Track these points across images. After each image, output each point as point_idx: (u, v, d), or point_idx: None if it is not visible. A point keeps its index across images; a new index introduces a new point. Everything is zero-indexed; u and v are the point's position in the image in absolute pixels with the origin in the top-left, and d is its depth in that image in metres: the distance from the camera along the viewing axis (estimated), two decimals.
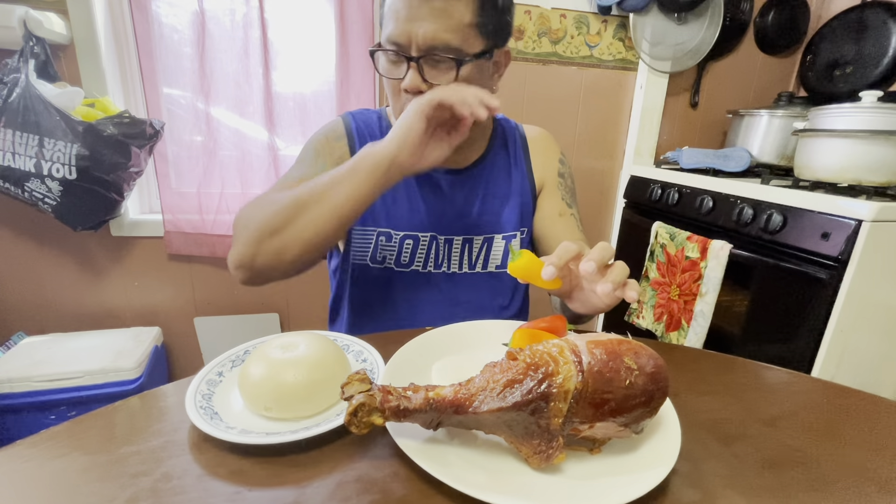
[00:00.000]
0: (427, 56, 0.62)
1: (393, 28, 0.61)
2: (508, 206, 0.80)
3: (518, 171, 0.81)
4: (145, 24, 1.24)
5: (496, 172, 0.80)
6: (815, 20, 1.65)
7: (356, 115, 0.78)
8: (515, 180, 0.81)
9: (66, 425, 0.40)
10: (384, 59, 0.65)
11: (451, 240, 0.77)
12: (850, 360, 1.04)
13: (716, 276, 1.19)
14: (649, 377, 0.36)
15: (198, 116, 1.33)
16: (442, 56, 0.62)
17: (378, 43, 0.65)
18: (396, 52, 0.62)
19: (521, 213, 0.80)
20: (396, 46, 0.62)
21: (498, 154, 0.81)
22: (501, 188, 0.80)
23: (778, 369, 0.57)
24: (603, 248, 0.46)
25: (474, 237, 0.78)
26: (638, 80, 1.62)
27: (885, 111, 1.07)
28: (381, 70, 0.65)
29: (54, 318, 1.40)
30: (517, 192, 0.80)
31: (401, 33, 0.60)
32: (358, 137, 0.75)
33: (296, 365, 0.42)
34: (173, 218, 1.37)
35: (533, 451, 0.35)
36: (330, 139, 0.75)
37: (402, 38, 0.60)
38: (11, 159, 1.12)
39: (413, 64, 0.62)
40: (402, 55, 0.62)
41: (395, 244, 0.75)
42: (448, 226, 0.77)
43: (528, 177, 0.82)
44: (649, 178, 1.53)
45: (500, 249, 0.79)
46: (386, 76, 0.65)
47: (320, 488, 0.34)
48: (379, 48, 0.64)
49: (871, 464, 0.40)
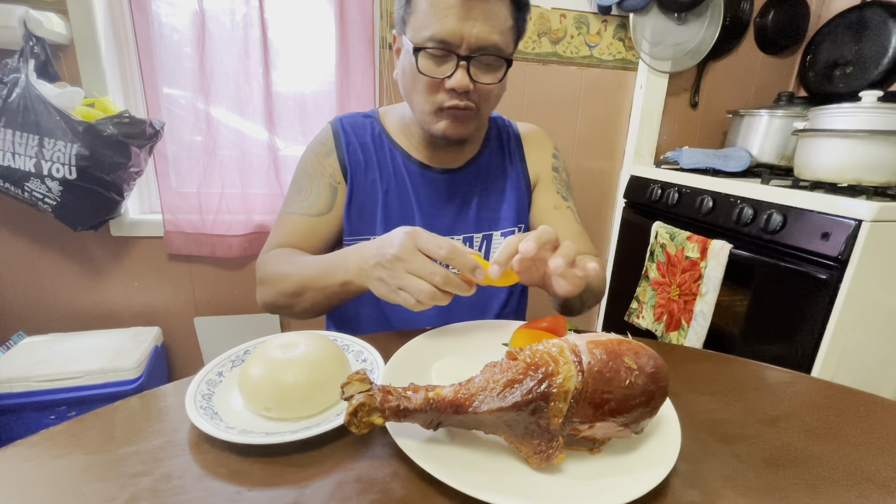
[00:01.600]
0: (476, 56, 0.62)
1: (441, 27, 0.60)
2: (505, 202, 0.80)
3: (513, 167, 0.82)
4: (145, 24, 1.24)
5: (492, 170, 0.81)
6: (815, 20, 1.65)
7: (344, 121, 0.78)
8: (511, 177, 0.81)
9: (66, 425, 0.40)
10: (426, 57, 0.64)
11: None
12: (850, 360, 1.04)
13: (716, 276, 1.19)
14: (649, 377, 0.36)
15: (198, 116, 1.33)
16: (491, 57, 0.63)
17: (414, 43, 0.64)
18: (445, 50, 0.62)
19: (518, 209, 0.80)
20: (445, 45, 0.61)
21: (493, 152, 0.82)
22: (497, 185, 0.80)
23: (778, 369, 0.57)
24: (543, 232, 0.49)
25: (474, 235, 0.78)
26: (638, 80, 1.62)
27: (885, 111, 1.07)
28: (422, 69, 0.64)
29: (54, 318, 1.40)
30: (513, 188, 0.81)
31: (451, 32, 0.60)
32: (346, 147, 0.76)
33: (296, 365, 0.42)
34: (173, 218, 1.37)
35: (533, 451, 0.35)
36: (320, 157, 0.76)
37: (452, 37, 0.60)
38: (11, 159, 1.12)
39: (463, 63, 0.62)
40: (452, 53, 0.62)
41: None
42: (446, 226, 0.77)
43: (523, 173, 0.82)
44: (649, 178, 1.53)
45: (499, 246, 0.78)
46: (428, 75, 0.64)
47: (320, 488, 0.34)
48: (423, 48, 0.63)
49: (871, 464, 0.40)
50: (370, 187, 0.76)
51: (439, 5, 0.60)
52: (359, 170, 0.76)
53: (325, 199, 0.75)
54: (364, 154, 0.76)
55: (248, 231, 1.42)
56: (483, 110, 0.69)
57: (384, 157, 0.77)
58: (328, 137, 0.77)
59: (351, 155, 0.75)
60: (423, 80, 0.65)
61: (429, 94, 0.66)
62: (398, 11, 0.67)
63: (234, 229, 1.40)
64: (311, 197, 0.75)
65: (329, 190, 0.75)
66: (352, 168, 0.75)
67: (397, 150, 0.77)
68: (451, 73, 0.63)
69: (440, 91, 0.65)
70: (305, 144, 1.40)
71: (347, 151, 0.75)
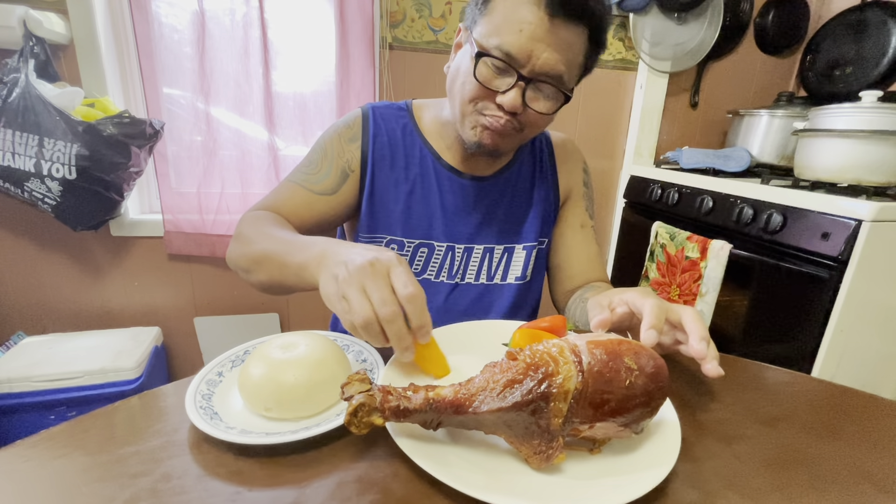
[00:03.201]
0: (537, 81, 0.59)
1: (512, 40, 0.57)
2: (531, 215, 0.78)
3: (543, 180, 0.79)
4: (145, 24, 1.24)
5: (521, 181, 0.78)
6: (815, 20, 1.65)
7: (377, 111, 0.75)
8: (540, 189, 0.79)
9: (66, 425, 0.40)
10: (486, 65, 0.60)
11: (470, 248, 0.75)
12: (850, 360, 1.04)
13: (716, 276, 1.19)
14: (649, 377, 0.36)
15: (198, 116, 1.33)
16: (552, 87, 0.60)
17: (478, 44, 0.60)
18: (508, 64, 0.58)
19: (543, 223, 0.78)
20: (509, 59, 0.58)
21: (525, 162, 0.79)
22: (526, 197, 0.78)
23: (778, 369, 0.57)
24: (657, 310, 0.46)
25: (495, 246, 0.76)
26: (638, 80, 1.62)
27: (885, 111, 1.07)
28: (479, 75, 0.60)
29: (54, 318, 1.40)
30: (540, 202, 0.78)
31: (521, 49, 0.57)
32: (373, 138, 0.72)
33: (296, 365, 0.42)
34: (173, 218, 1.37)
35: (533, 451, 0.35)
36: (343, 139, 0.73)
37: (520, 53, 0.57)
38: (11, 159, 1.12)
39: (521, 84, 0.59)
40: (513, 70, 0.59)
41: (407, 252, 0.73)
42: (468, 234, 0.74)
43: (554, 186, 0.80)
44: (649, 178, 1.53)
45: (520, 259, 0.77)
46: (483, 83, 0.60)
47: (320, 488, 0.34)
48: (488, 54, 0.59)
49: (871, 464, 0.40)
50: (393, 185, 0.73)
51: (517, 17, 0.57)
52: (383, 164, 0.73)
53: (333, 181, 0.72)
54: (392, 149, 0.73)
55: None
56: (526, 133, 0.66)
57: (413, 156, 0.74)
58: (356, 122, 0.74)
59: (377, 148, 0.72)
60: (475, 85, 0.61)
61: (476, 100, 0.63)
62: (471, 7, 0.63)
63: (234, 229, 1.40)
64: (319, 173, 0.72)
65: (339, 174, 0.72)
66: (374, 161, 0.72)
67: (428, 149, 0.74)
68: (505, 90, 0.60)
69: (488, 101, 0.62)
70: (305, 144, 1.43)
71: (374, 143, 0.72)
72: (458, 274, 0.75)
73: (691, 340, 0.45)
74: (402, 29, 1.42)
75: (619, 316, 0.49)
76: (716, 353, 0.44)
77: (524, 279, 0.77)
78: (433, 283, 0.74)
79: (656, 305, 0.46)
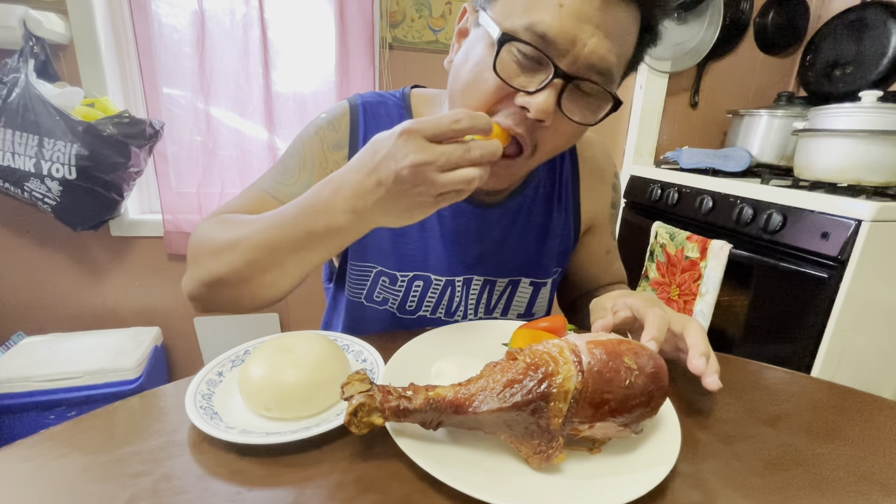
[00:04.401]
0: (581, 79, 0.44)
1: (550, 18, 0.42)
2: (545, 248, 0.66)
3: (561, 208, 0.66)
4: (145, 24, 1.24)
5: (536, 207, 0.65)
6: (815, 20, 1.65)
7: (368, 106, 0.61)
8: (557, 220, 0.66)
9: (66, 425, 0.40)
10: (513, 54, 0.45)
11: (469, 280, 0.64)
12: (850, 360, 1.04)
13: (716, 276, 1.19)
14: (649, 377, 0.36)
15: (198, 116, 1.33)
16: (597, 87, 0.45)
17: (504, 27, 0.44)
18: (544, 53, 0.43)
19: (559, 256, 0.68)
20: (545, 45, 0.43)
21: (541, 183, 0.65)
22: (539, 227, 0.66)
23: (778, 369, 0.57)
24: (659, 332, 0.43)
25: (497, 279, 0.65)
26: (638, 80, 1.62)
27: (885, 111, 1.07)
28: (500, 68, 0.45)
29: (54, 318, 1.40)
30: (556, 234, 0.67)
31: (562, 31, 0.42)
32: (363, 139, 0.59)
33: (296, 365, 0.42)
34: (173, 218, 1.37)
35: (533, 451, 0.35)
36: (326, 144, 0.59)
37: (562, 37, 0.42)
38: (11, 159, 1.12)
39: (558, 81, 0.44)
40: (549, 61, 0.43)
41: (400, 287, 0.63)
42: (467, 264, 0.64)
43: (574, 213, 0.67)
44: (649, 178, 1.53)
45: (525, 294, 0.68)
46: (504, 79, 0.45)
47: (320, 488, 0.34)
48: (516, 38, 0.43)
49: (871, 464, 0.40)
50: None
51: None
52: None
53: None
54: None
55: None
56: (541, 155, 0.51)
57: None
58: (342, 121, 0.60)
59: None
60: (491, 81, 0.46)
61: (487, 101, 0.47)
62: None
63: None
64: (295, 185, 0.57)
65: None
66: None
67: None
68: (536, 89, 0.44)
69: (505, 103, 0.47)
70: None
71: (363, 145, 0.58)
72: (457, 311, 0.65)
73: (691, 355, 0.44)
74: (402, 29, 1.42)
75: (620, 319, 0.48)
76: (716, 367, 0.44)
77: (529, 316, 0.69)
78: (429, 321, 0.65)
79: (659, 316, 0.44)
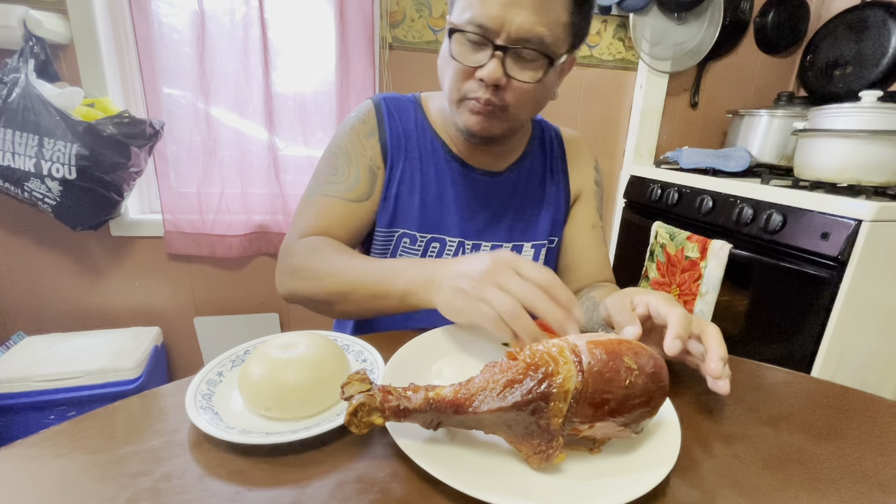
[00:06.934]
0: (515, 48, 0.57)
1: (482, 10, 0.55)
2: (541, 214, 0.76)
3: (554, 177, 0.78)
4: (145, 24, 1.24)
5: (532, 178, 0.76)
6: (815, 20, 1.65)
7: (388, 101, 0.73)
8: (550, 188, 0.77)
9: (66, 425, 0.40)
10: (461, 41, 0.59)
11: (478, 245, 0.73)
12: (850, 360, 1.04)
13: (716, 276, 1.19)
14: (649, 377, 0.36)
15: (198, 116, 1.33)
16: (532, 52, 0.57)
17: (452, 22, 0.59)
18: (482, 36, 0.56)
19: (553, 222, 0.77)
20: (482, 30, 0.56)
21: (535, 158, 0.77)
22: (536, 195, 0.76)
23: (778, 369, 0.57)
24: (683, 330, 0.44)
25: (504, 244, 0.75)
26: (638, 80, 1.62)
27: (885, 111, 1.07)
28: (454, 53, 0.59)
29: (54, 318, 1.40)
30: (551, 200, 0.77)
31: (492, 17, 0.55)
32: (389, 129, 0.70)
33: (296, 365, 0.42)
34: (173, 218, 1.37)
35: (533, 450, 0.35)
36: (361, 135, 0.70)
37: (493, 22, 0.55)
38: (11, 159, 1.12)
39: (499, 53, 0.56)
40: (488, 41, 0.57)
41: (419, 247, 0.72)
42: (477, 230, 0.73)
43: (565, 184, 0.78)
44: (649, 177, 1.53)
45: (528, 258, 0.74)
46: (460, 60, 0.59)
47: (320, 488, 0.34)
48: (459, 29, 0.58)
49: (871, 464, 0.40)
50: (409, 177, 0.71)
51: None
52: (399, 156, 0.70)
53: (365, 183, 0.69)
54: (406, 140, 0.71)
55: (248, 231, 1.42)
56: (514, 111, 0.63)
57: (426, 148, 0.72)
58: (370, 115, 0.71)
59: (394, 140, 0.70)
60: (454, 65, 0.60)
61: (458, 81, 0.61)
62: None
63: (234, 229, 1.40)
64: (349, 179, 0.68)
65: (369, 174, 0.69)
66: (392, 153, 0.70)
67: (439, 142, 0.72)
68: (484, 63, 0.57)
69: (470, 80, 0.60)
70: (305, 144, 1.43)
71: (391, 135, 0.70)
72: None
73: (710, 358, 0.44)
74: (401, 29, 1.42)
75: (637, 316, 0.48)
76: (729, 373, 0.44)
77: None
78: None
79: (684, 316, 0.45)
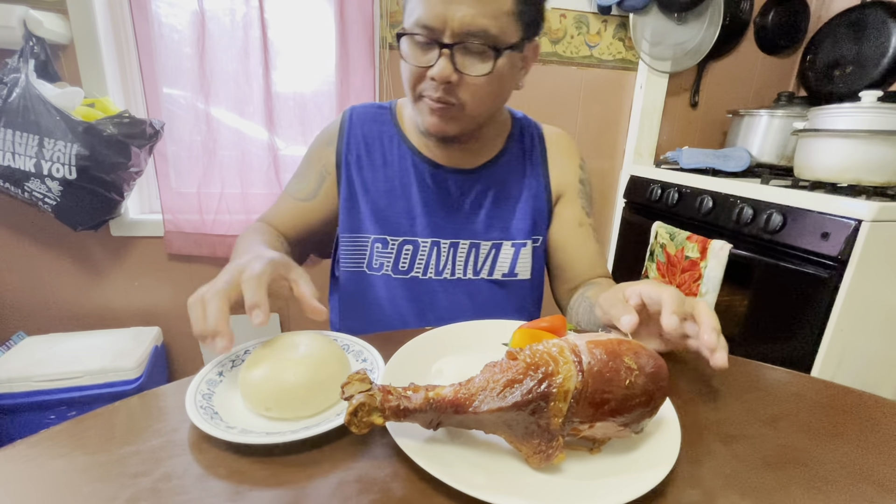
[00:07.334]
0: (461, 43, 0.57)
1: (424, 10, 0.56)
2: (520, 211, 0.75)
3: (533, 174, 0.77)
4: (145, 24, 1.24)
5: (510, 175, 0.76)
6: (815, 20, 1.65)
7: (355, 113, 0.76)
8: (530, 184, 0.76)
9: (66, 425, 0.40)
10: (410, 44, 0.60)
11: (456, 244, 0.74)
12: (850, 360, 1.04)
13: (716, 276, 1.19)
14: (649, 377, 0.36)
15: (198, 116, 1.33)
16: (478, 44, 0.57)
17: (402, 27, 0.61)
18: (427, 36, 0.57)
19: (535, 220, 0.76)
20: (427, 31, 0.57)
21: (513, 155, 0.77)
22: (513, 192, 0.76)
23: (778, 369, 0.57)
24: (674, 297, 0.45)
25: (482, 242, 0.74)
26: (638, 80, 1.62)
27: (885, 111, 1.07)
28: (406, 56, 0.61)
29: (54, 318, 1.40)
30: (531, 197, 0.76)
31: (434, 16, 0.56)
32: (347, 139, 0.74)
33: (296, 365, 0.42)
34: (173, 218, 1.37)
35: (533, 450, 0.35)
36: (322, 144, 0.76)
37: (435, 21, 0.56)
38: (11, 159, 1.12)
39: (445, 51, 0.57)
40: (434, 41, 0.57)
41: (391, 251, 0.73)
42: (453, 230, 0.73)
43: (545, 181, 0.77)
44: (649, 178, 1.53)
45: (508, 257, 0.75)
46: (412, 63, 0.60)
47: (320, 488, 0.34)
48: (405, 32, 0.59)
49: (871, 464, 0.40)
50: (371, 184, 0.73)
51: None
52: (360, 164, 0.73)
53: (312, 186, 0.75)
54: (368, 148, 0.74)
55: None
56: (471, 108, 0.63)
57: (391, 153, 0.74)
58: (334, 126, 0.76)
59: (349, 149, 0.73)
60: (408, 67, 0.61)
61: (414, 83, 0.62)
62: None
63: (234, 229, 1.40)
64: (303, 181, 0.76)
65: (318, 178, 0.75)
66: (346, 162, 0.73)
67: (407, 146, 0.74)
68: (433, 63, 0.58)
69: (424, 81, 0.61)
70: (305, 144, 1.41)
71: (347, 144, 0.73)
72: (445, 270, 0.74)
73: (703, 330, 0.45)
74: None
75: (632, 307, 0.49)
76: (725, 345, 0.45)
77: (512, 276, 0.75)
78: (422, 281, 0.73)
79: (675, 293, 0.46)
